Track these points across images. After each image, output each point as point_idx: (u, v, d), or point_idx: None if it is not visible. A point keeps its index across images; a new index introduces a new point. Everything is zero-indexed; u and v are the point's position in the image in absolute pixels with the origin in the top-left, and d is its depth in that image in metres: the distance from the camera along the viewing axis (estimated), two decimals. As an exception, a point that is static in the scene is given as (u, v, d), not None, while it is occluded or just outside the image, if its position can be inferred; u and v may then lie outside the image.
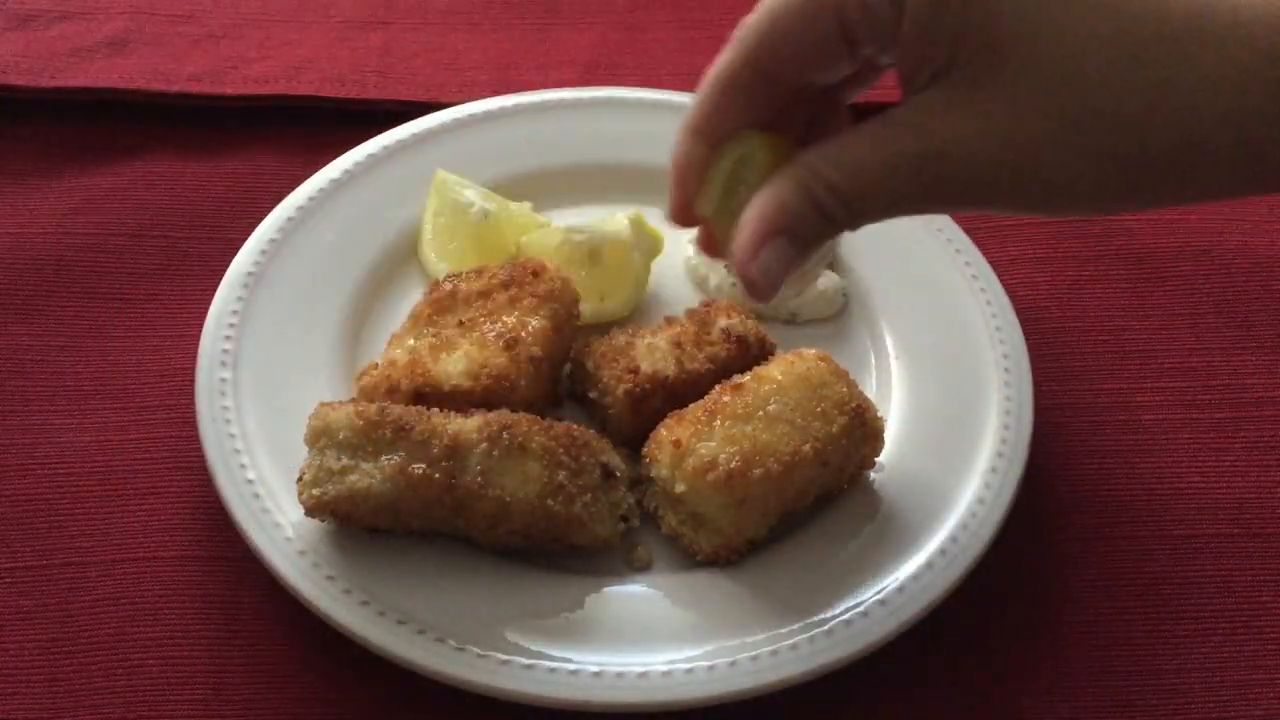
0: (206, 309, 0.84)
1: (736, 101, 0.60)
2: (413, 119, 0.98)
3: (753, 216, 0.59)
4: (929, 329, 0.88)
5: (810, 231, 0.58)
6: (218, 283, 0.85)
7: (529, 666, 0.69)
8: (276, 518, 0.74)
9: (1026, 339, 0.86)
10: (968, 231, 0.94)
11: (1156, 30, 0.52)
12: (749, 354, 0.81)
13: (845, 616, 0.72)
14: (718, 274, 0.90)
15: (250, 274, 0.86)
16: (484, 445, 0.72)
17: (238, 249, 0.88)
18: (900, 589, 0.73)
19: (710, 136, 0.62)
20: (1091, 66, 0.52)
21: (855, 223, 0.58)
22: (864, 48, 0.57)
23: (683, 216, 0.65)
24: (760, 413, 0.74)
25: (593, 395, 0.81)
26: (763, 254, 0.58)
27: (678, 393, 0.79)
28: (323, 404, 0.74)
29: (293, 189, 0.92)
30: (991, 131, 0.54)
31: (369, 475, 0.71)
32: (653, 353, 0.80)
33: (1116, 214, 0.57)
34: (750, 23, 0.59)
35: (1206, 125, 0.52)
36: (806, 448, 0.74)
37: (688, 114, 0.62)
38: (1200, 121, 0.52)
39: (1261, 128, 0.52)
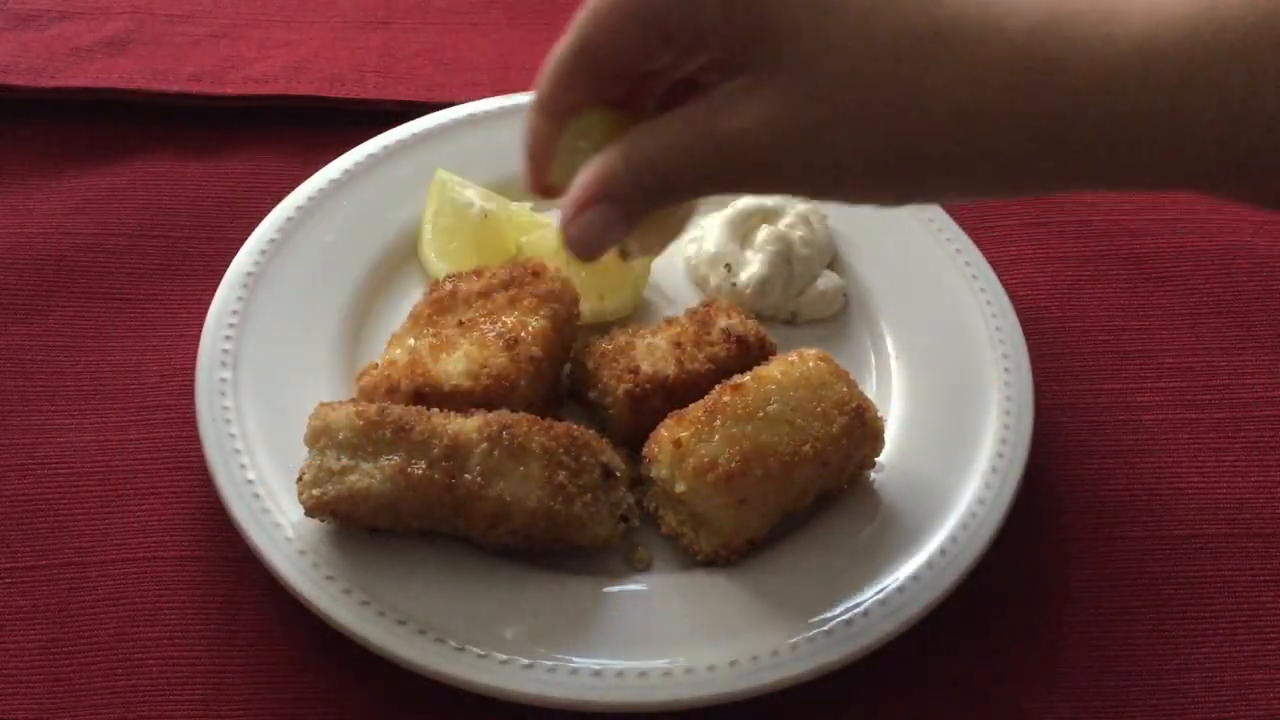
0: (206, 309, 0.84)
1: (576, 84, 0.65)
2: (413, 119, 0.98)
3: (580, 181, 0.63)
4: (929, 329, 0.88)
5: (630, 198, 0.62)
6: (218, 283, 0.85)
7: (529, 666, 0.69)
8: (276, 518, 0.74)
9: (1026, 339, 0.86)
10: (968, 231, 0.94)
11: (924, 27, 0.55)
12: (749, 354, 0.81)
13: (845, 616, 0.72)
14: (718, 274, 0.90)
15: (250, 274, 0.86)
16: (484, 445, 0.72)
17: (238, 249, 0.88)
18: (900, 589, 0.73)
19: (556, 113, 0.66)
20: (860, 61, 0.56)
21: (671, 195, 0.63)
22: (680, 44, 0.62)
23: (537, 188, 0.69)
24: (760, 413, 0.74)
25: (593, 395, 0.81)
26: (584, 216, 0.63)
27: (678, 393, 0.79)
28: (323, 404, 0.74)
29: (293, 189, 0.92)
30: (773, 118, 0.58)
31: (369, 475, 0.71)
32: (653, 353, 0.80)
33: (907, 203, 0.62)
34: (579, 17, 0.63)
35: (963, 119, 0.55)
36: (806, 448, 0.74)
37: (536, 92, 0.66)
38: (956, 115, 0.55)
39: (1007, 130, 0.55)
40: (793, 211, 0.93)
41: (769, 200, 0.93)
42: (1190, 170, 0.54)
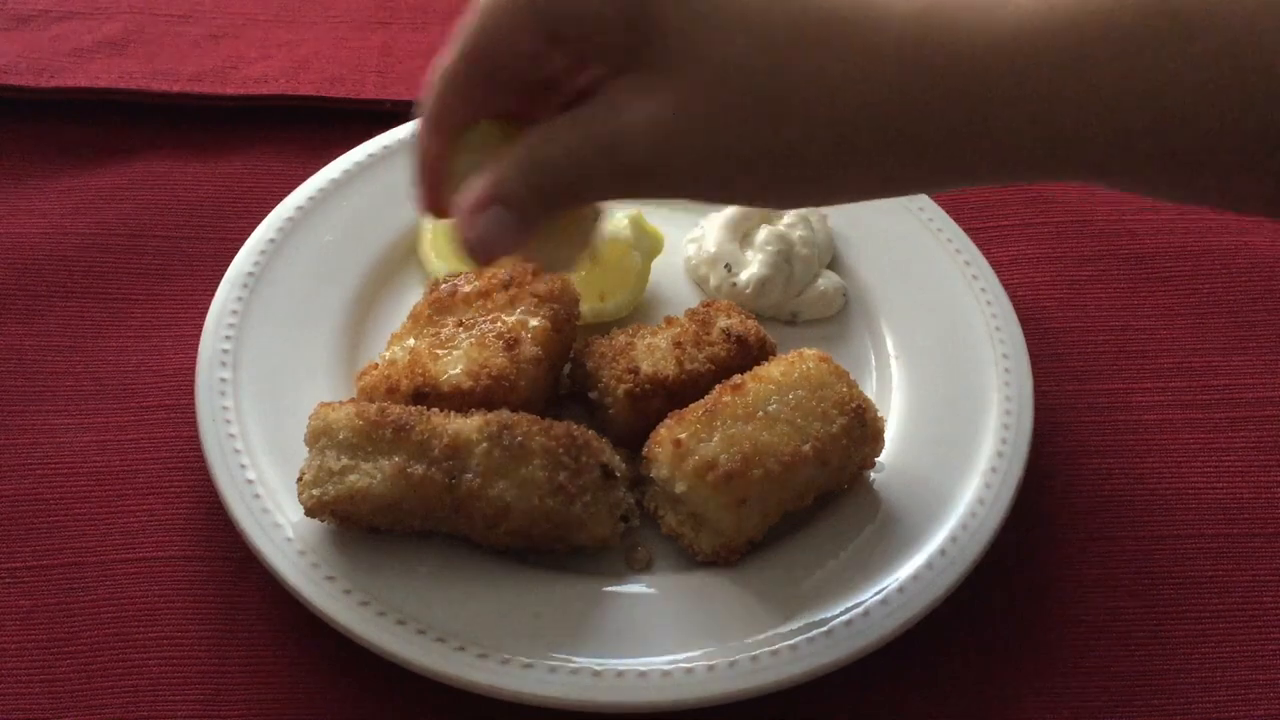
0: (206, 309, 0.84)
1: (466, 95, 0.63)
2: (413, 119, 0.98)
3: (475, 187, 0.61)
4: (929, 329, 0.88)
5: (523, 202, 0.60)
6: (218, 283, 0.85)
7: (529, 666, 0.69)
8: (276, 518, 0.74)
9: (1026, 339, 0.86)
10: (968, 232, 0.94)
11: (812, 19, 0.54)
12: (749, 354, 0.81)
13: (845, 616, 0.72)
14: (718, 274, 0.90)
15: (250, 274, 0.86)
16: (484, 445, 0.72)
17: (238, 249, 0.88)
18: (900, 589, 0.73)
19: (448, 129, 0.64)
20: (744, 56, 0.54)
21: (564, 199, 0.60)
22: (569, 44, 0.60)
23: (432, 209, 0.67)
24: (760, 413, 0.74)
25: (593, 395, 0.81)
26: (479, 221, 0.60)
27: (678, 393, 0.79)
28: (323, 404, 0.74)
29: (293, 189, 0.92)
30: (655, 117, 0.56)
31: (369, 475, 0.71)
32: (653, 353, 0.80)
33: (796, 206, 0.60)
34: (462, 25, 0.61)
35: (849, 115, 0.54)
36: (806, 448, 0.74)
37: (424, 109, 0.65)
38: (844, 110, 0.54)
39: (896, 119, 0.54)
40: (792, 211, 0.93)
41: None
42: (1077, 154, 0.54)
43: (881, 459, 0.79)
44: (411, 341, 0.80)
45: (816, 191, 0.59)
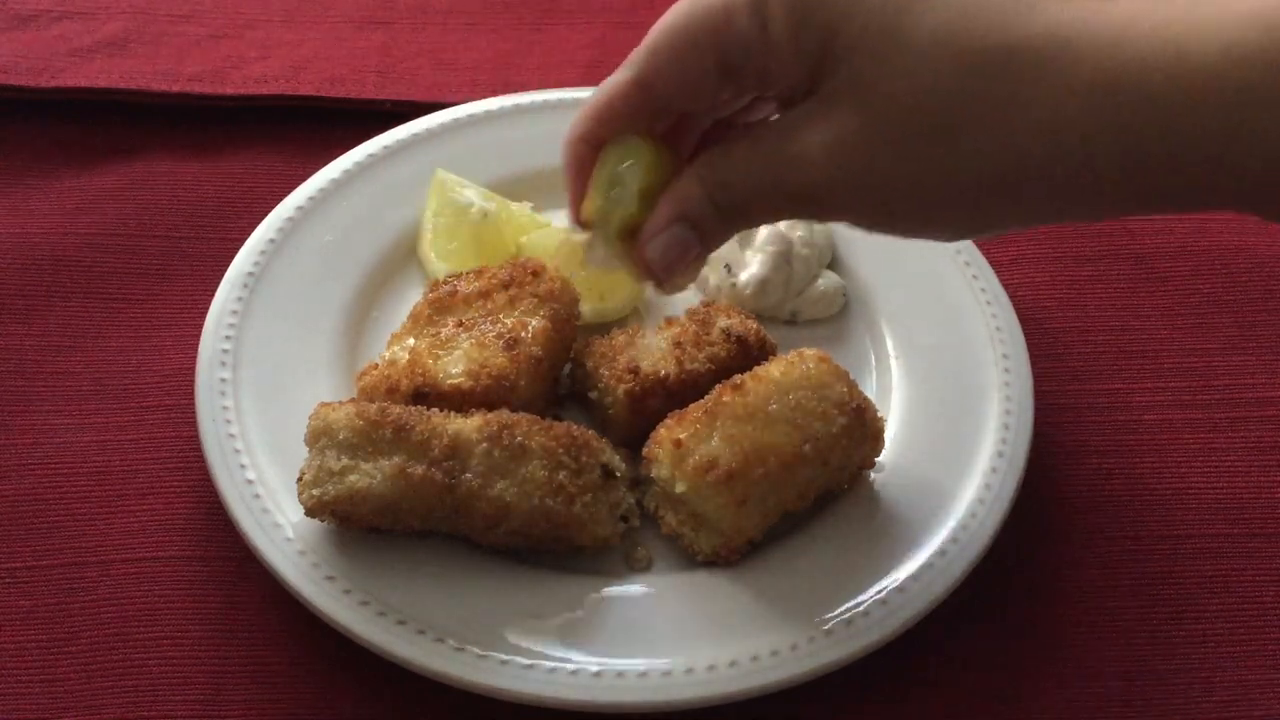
0: (206, 309, 0.84)
1: (626, 117, 0.65)
2: (413, 119, 0.98)
3: (660, 205, 0.64)
4: (929, 329, 0.88)
5: (706, 221, 0.63)
6: (218, 283, 0.85)
7: (529, 666, 0.69)
8: (276, 518, 0.74)
9: (1026, 339, 0.86)
10: (968, 231, 0.94)
11: (999, 47, 0.54)
12: (749, 354, 0.81)
13: (845, 616, 0.72)
14: (717, 274, 0.90)
15: (250, 274, 0.86)
16: (484, 445, 0.72)
17: (238, 249, 0.88)
18: (900, 589, 0.73)
19: (602, 143, 0.66)
20: (926, 84, 0.55)
21: (744, 218, 0.63)
22: (742, 78, 0.61)
23: (576, 218, 0.69)
24: (760, 413, 0.74)
25: (593, 395, 0.81)
26: (661, 239, 0.64)
27: (678, 393, 0.79)
28: (323, 404, 0.74)
29: (293, 189, 0.92)
30: (834, 142, 0.57)
31: (369, 475, 0.71)
32: (653, 353, 0.80)
33: (958, 239, 0.60)
34: (636, 53, 0.63)
35: (1037, 144, 0.54)
36: (807, 448, 0.74)
37: (574, 123, 0.67)
38: (1030, 140, 0.54)
39: (1085, 150, 0.53)
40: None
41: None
42: (1253, 188, 0.53)
43: (881, 459, 0.79)
44: (411, 341, 0.80)
45: (977, 218, 0.58)
